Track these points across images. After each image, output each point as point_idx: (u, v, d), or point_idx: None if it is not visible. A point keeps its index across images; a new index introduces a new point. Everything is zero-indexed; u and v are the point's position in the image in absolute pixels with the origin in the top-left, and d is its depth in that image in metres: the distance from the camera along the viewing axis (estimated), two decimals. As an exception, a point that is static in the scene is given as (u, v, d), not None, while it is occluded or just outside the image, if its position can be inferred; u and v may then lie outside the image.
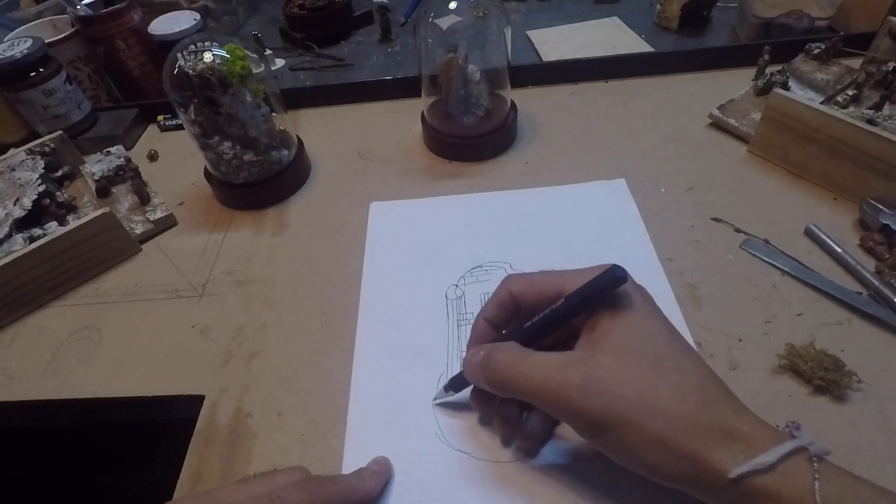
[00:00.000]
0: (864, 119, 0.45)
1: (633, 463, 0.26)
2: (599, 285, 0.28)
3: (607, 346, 0.27)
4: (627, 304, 0.28)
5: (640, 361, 0.26)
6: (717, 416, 0.25)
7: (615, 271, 0.27)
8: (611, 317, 0.28)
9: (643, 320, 0.28)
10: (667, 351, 0.27)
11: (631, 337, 0.27)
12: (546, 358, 0.28)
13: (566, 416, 0.27)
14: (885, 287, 0.38)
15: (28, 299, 0.46)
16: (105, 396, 0.40)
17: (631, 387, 0.26)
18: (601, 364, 0.26)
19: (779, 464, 0.24)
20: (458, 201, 0.51)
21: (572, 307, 0.29)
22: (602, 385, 0.26)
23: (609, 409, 0.25)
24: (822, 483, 0.23)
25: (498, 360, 0.29)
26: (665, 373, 0.26)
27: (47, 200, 0.51)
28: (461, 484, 0.32)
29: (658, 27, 0.77)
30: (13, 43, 0.60)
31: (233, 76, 0.46)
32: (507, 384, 0.28)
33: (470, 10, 0.51)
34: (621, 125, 0.57)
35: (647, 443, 0.25)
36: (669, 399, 0.25)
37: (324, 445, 0.35)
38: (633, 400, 0.25)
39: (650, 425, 0.25)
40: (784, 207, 0.46)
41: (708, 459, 0.24)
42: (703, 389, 0.26)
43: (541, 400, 0.27)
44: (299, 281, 0.46)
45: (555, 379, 0.27)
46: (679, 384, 0.26)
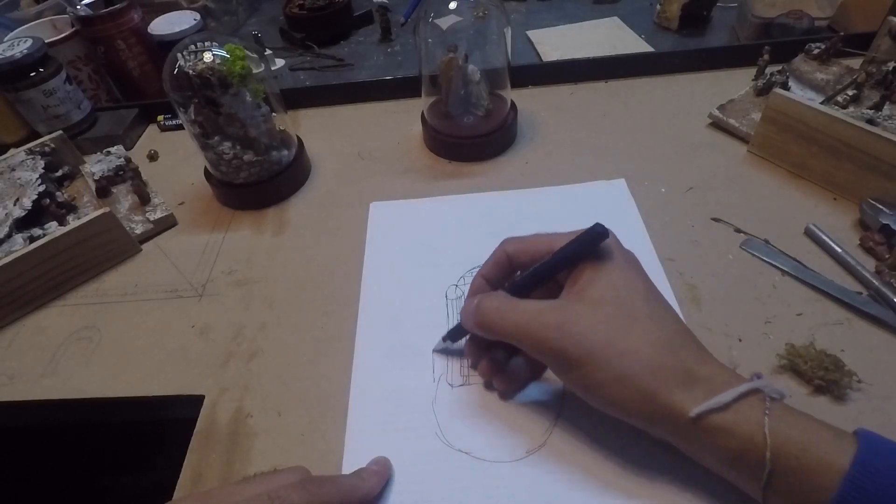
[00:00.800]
0: (864, 119, 0.45)
1: (600, 400, 0.29)
2: (581, 241, 0.30)
3: (585, 296, 0.29)
4: (608, 260, 0.30)
5: (615, 310, 0.29)
6: (682, 361, 0.27)
7: (596, 228, 0.30)
8: (592, 271, 0.30)
9: (621, 274, 0.30)
10: (641, 303, 0.29)
11: (608, 289, 0.29)
12: (529, 304, 0.31)
13: (543, 353, 0.30)
14: (885, 287, 0.38)
15: (28, 299, 0.46)
16: (105, 396, 0.40)
17: (602, 330, 0.28)
18: (578, 310, 0.29)
19: (734, 403, 0.26)
20: (458, 201, 0.51)
21: (557, 261, 0.31)
22: (576, 327, 0.28)
23: (580, 348, 0.28)
24: (771, 418, 0.25)
25: (487, 305, 0.32)
26: (636, 321, 0.28)
27: (47, 200, 0.51)
28: (461, 484, 0.32)
29: (658, 27, 0.77)
30: (13, 43, 0.60)
31: (233, 76, 0.46)
32: (493, 326, 0.31)
33: (470, 10, 0.51)
34: (621, 125, 0.57)
35: (613, 380, 0.27)
36: (637, 343, 0.28)
37: (324, 445, 0.35)
38: (603, 341, 0.28)
39: (617, 364, 0.27)
40: (784, 207, 0.46)
41: (669, 398, 0.26)
42: (672, 338, 0.28)
43: (522, 339, 0.30)
44: (299, 281, 0.46)
45: (535, 321, 0.30)
46: (648, 331, 0.28)
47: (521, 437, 0.34)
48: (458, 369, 0.38)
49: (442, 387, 0.37)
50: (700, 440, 0.27)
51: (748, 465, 0.26)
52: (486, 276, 0.35)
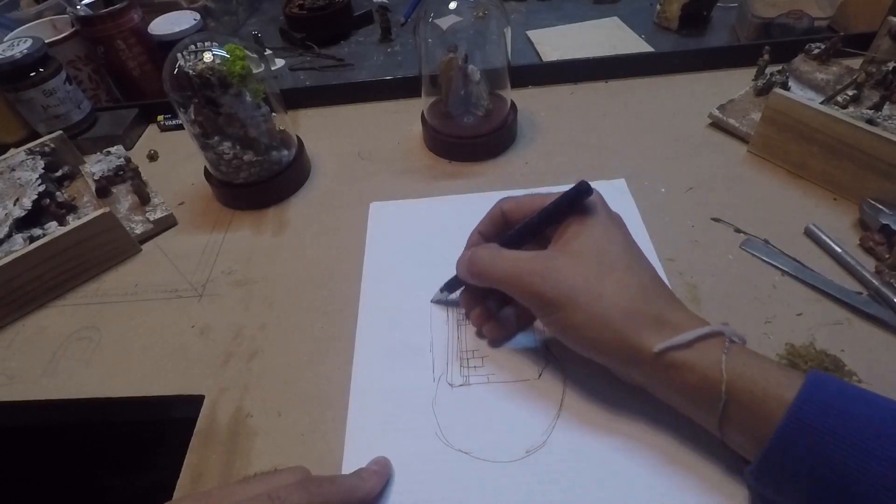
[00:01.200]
0: (864, 119, 0.45)
1: (577, 340, 0.31)
2: (566, 197, 0.33)
3: (568, 247, 0.32)
4: (592, 215, 0.33)
5: (594, 260, 0.31)
6: (653, 307, 0.30)
7: (581, 185, 0.32)
8: (577, 226, 0.33)
9: (602, 229, 0.32)
10: (620, 255, 0.32)
11: (589, 241, 0.32)
12: (516, 253, 0.34)
13: (526, 297, 0.33)
14: (885, 287, 0.38)
15: (28, 299, 0.46)
16: (105, 396, 0.40)
17: (581, 277, 0.31)
18: (560, 259, 0.32)
19: (696, 342, 0.28)
20: (459, 201, 0.51)
21: (544, 216, 0.34)
22: (557, 274, 0.31)
23: (560, 293, 0.31)
24: (728, 357, 0.28)
25: (479, 255, 0.35)
26: (614, 269, 0.31)
27: (47, 200, 0.51)
28: (461, 484, 0.32)
29: (658, 27, 0.77)
30: (13, 43, 0.60)
31: (233, 76, 0.46)
32: (483, 273, 0.34)
33: (470, 10, 0.51)
34: (621, 125, 0.57)
35: (588, 321, 0.30)
36: (612, 289, 0.30)
37: (324, 445, 0.35)
38: (581, 287, 0.30)
39: (592, 307, 0.30)
40: (784, 207, 0.46)
41: (638, 338, 0.29)
42: (646, 287, 0.31)
43: (508, 285, 0.33)
44: (299, 281, 0.46)
45: (520, 268, 0.33)
46: (623, 279, 0.31)
47: (521, 437, 0.34)
48: (458, 369, 0.38)
49: (442, 387, 0.37)
50: (663, 375, 0.29)
51: (706, 398, 0.28)
52: (481, 232, 0.38)
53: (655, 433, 0.33)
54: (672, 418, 0.33)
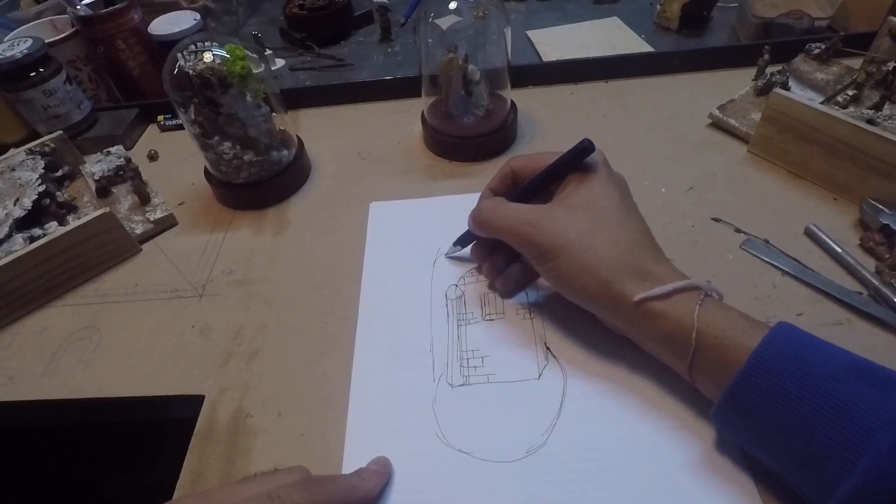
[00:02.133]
0: (864, 119, 0.45)
1: (566, 287, 0.34)
2: (570, 155, 0.36)
3: (566, 202, 0.35)
4: (592, 173, 0.36)
5: (588, 214, 0.34)
6: (639, 261, 0.32)
7: (584, 143, 0.35)
8: (577, 182, 0.36)
9: (600, 186, 0.35)
10: (614, 212, 0.34)
11: (586, 197, 0.35)
12: (517, 206, 0.37)
13: (522, 246, 0.36)
14: (885, 287, 0.38)
15: (28, 299, 0.46)
16: (105, 396, 0.40)
17: (574, 229, 0.33)
18: (556, 212, 0.35)
19: (673, 294, 0.31)
20: (458, 201, 0.51)
21: (548, 172, 0.37)
22: (552, 225, 0.34)
23: (553, 243, 0.33)
24: (702, 308, 0.30)
25: (484, 206, 0.38)
26: (606, 224, 0.33)
27: (47, 200, 0.51)
28: (461, 484, 0.32)
29: (658, 27, 0.77)
30: (13, 43, 0.60)
31: (233, 76, 0.46)
32: (486, 222, 0.38)
33: (470, 10, 0.51)
34: (621, 125, 0.57)
35: (578, 270, 0.33)
36: (602, 241, 0.33)
37: (324, 445, 0.35)
38: (574, 239, 0.33)
39: (582, 257, 0.33)
40: (784, 207, 0.46)
41: (621, 287, 0.31)
42: (635, 242, 0.33)
43: (507, 234, 0.36)
44: (299, 281, 0.46)
45: (518, 219, 0.35)
46: (614, 234, 0.33)
47: (522, 438, 0.34)
48: (458, 369, 0.38)
49: (442, 387, 0.37)
50: (641, 323, 0.32)
51: (678, 346, 0.30)
52: (492, 188, 0.41)
53: (656, 434, 0.33)
54: (672, 420, 0.33)
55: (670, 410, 0.34)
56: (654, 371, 0.35)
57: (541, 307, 0.41)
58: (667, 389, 0.35)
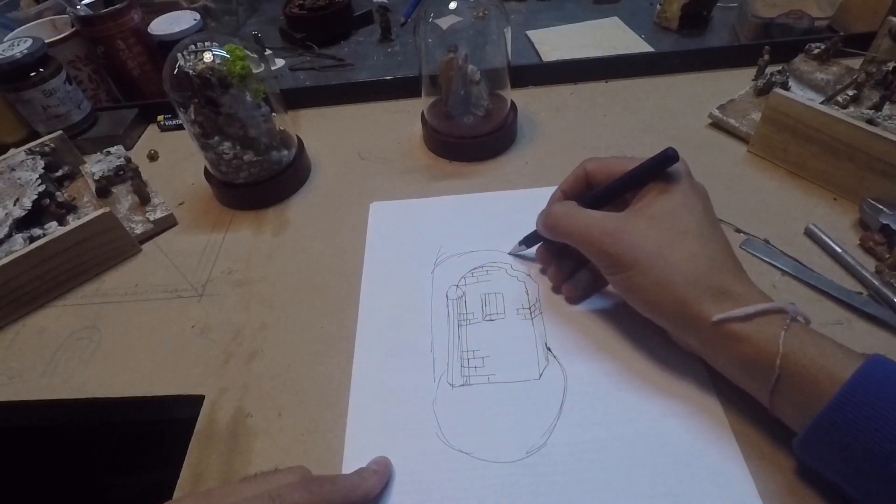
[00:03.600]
0: (864, 119, 0.45)
1: (638, 300, 0.33)
2: (653, 162, 0.34)
3: (644, 211, 0.33)
4: (674, 182, 0.33)
5: (668, 227, 0.32)
6: (719, 279, 0.30)
7: (668, 151, 0.33)
8: (657, 191, 0.33)
9: (681, 197, 0.33)
10: (694, 224, 0.32)
11: (666, 207, 0.33)
12: (591, 212, 0.35)
13: (596, 255, 0.34)
14: (885, 287, 0.38)
15: (28, 299, 0.46)
16: (105, 396, 0.40)
17: (652, 241, 0.32)
18: (634, 222, 0.33)
19: (756, 316, 0.29)
20: (458, 201, 0.51)
21: (628, 179, 0.35)
22: (628, 236, 0.32)
23: (629, 254, 0.32)
24: (788, 333, 0.28)
25: (556, 209, 0.37)
26: (685, 237, 0.31)
27: (47, 200, 0.51)
28: (461, 484, 0.32)
29: (658, 27, 0.77)
30: (13, 43, 0.60)
31: (233, 76, 0.46)
32: (558, 227, 0.36)
33: (470, 10, 0.51)
34: (621, 125, 0.57)
35: (653, 284, 0.31)
36: (681, 257, 0.31)
37: (324, 445, 0.35)
38: (651, 251, 0.31)
39: (658, 271, 0.31)
40: (784, 207, 0.46)
41: (698, 306, 0.30)
42: (715, 258, 0.31)
43: (580, 241, 0.35)
44: (299, 281, 0.46)
45: (594, 226, 0.34)
46: (694, 249, 0.31)
47: (522, 438, 0.34)
48: (458, 369, 0.38)
49: (442, 387, 0.37)
50: (719, 345, 0.30)
51: (759, 370, 0.28)
52: (564, 190, 0.39)
53: (656, 434, 0.33)
54: (672, 420, 0.33)
55: (671, 410, 0.34)
56: (655, 372, 0.35)
57: (541, 307, 0.41)
58: (667, 390, 0.35)
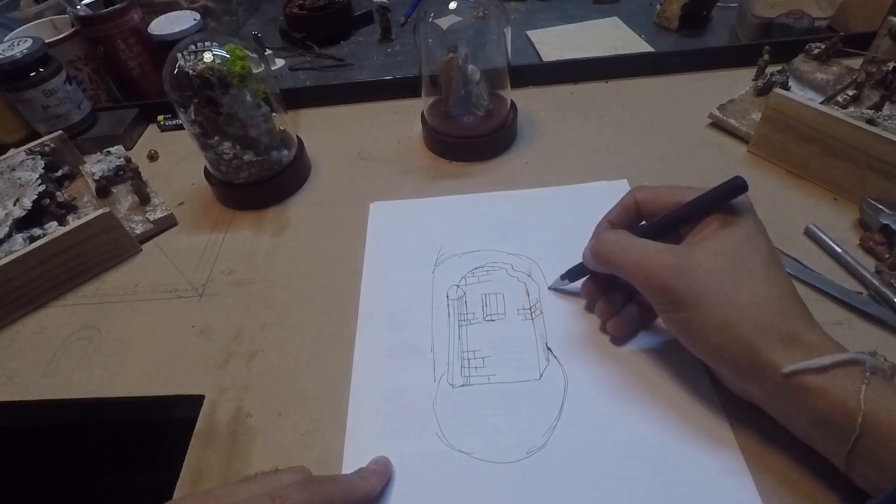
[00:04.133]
0: (864, 119, 0.45)
1: (698, 343, 0.30)
2: (720, 191, 0.31)
3: (706, 246, 0.30)
4: (737, 216, 0.31)
5: (732, 263, 0.29)
6: (789, 323, 0.28)
7: (737, 181, 0.30)
8: (719, 224, 0.31)
9: (747, 234, 0.30)
10: (761, 263, 0.29)
11: (731, 242, 0.30)
12: (648, 242, 0.32)
13: (653, 290, 0.31)
14: (885, 287, 0.38)
15: (28, 299, 0.46)
16: (105, 396, 0.40)
17: (717, 279, 0.29)
18: (695, 256, 0.30)
19: (832, 368, 0.26)
20: (458, 201, 0.51)
21: (692, 208, 0.32)
22: (690, 271, 0.29)
23: (691, 291, 0.29)
24: (869, 388, 0.25)
25: (608, 237, 0.34)
26: (752, 277, 0.29)
27: (47, 200, 0.51)
28: (461, 484, 0.32)
29: (658, 27, 0.77)
30: (13, 43, 0.60)
31: (233, 76, 0.46)
32: (610, 256, 0.33)
33: (470, 10, 0.51)
34: (621, 125, 0.57)
35: (716, 327, 0.28)
36: (748, 298, 0.28)
37: (324, 445, 0.35)
38: (716, 290, 0.28)
39: (723, 312, 0.28)
40: (784, 207, 0.46)
41: (768, 354, 0.27)
42: (783, 301, 0.29)
43: (635, 273, 0.31)
44: (299, 281, 0.46)
45: (651, 258, 0.31)
46: (761, 288, 0.29)
47: (522, 438, 0.34)
48: (458, 369, 0.38)
49: (442, 387, 0.37)
50: (789, 397, 0.27)
51: (836, 428, 0.26)
52: (611, 221, 0.37)
53: (657, 435, 0.33)
54: (673, 421, 0.33)
55: (671, 411, 0.34)
56: (655, 372, 0.35)
57: (542, 308, 0.41)
58: (668, 391, 0.35)
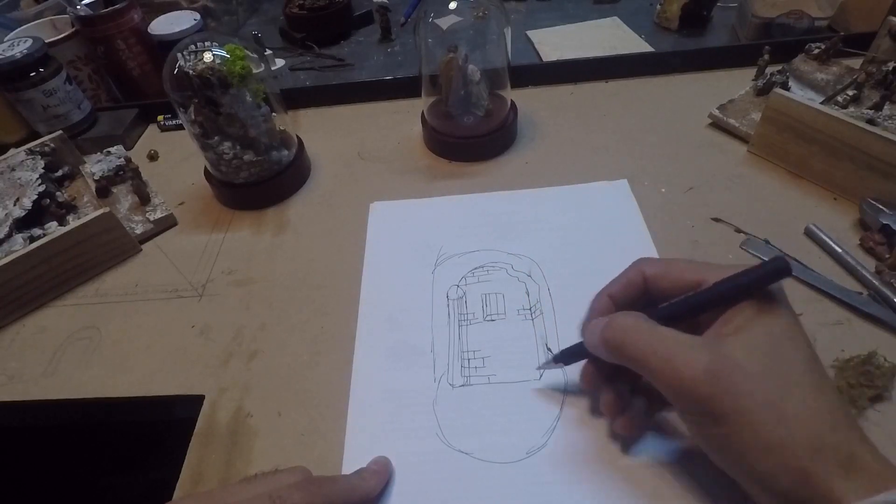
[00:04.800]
0: (864, 119, 0.45)
1: (738, 466, 0.25)
2: (759, 274, 0.26)
3: (742, 341, 0.25)
4: (774, 305, 0.26)
5: (776, 366, 0.24)
6: (845, 440, 0.23)
7: (778, 263, 0.25)
8: (753, 313, 0.26)
9: (786, 327, 0.25)
10: (805, 366, 0.25)
11: (770, 340, 0.25)
12: (674, 333, 0.26)
13: (682, 397, 0.25)
14: (885, 287, 0.38)
15: (28, 299, 0.46)
16: (105, 396, 0.40)
17: (762, 386, 0.24)
18: (732, 356, 0.25)
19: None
20: (458, 201, 0.51)
21: (720, 294, 0.27)
22: (731, 376, 0.24)
23: (732, 402, 0.24)
24: None
25: (622, 322, 0.28)
26: (800, 385, 0.24)
27: (47, 200, 0.51)
28: (461, 484, 0.32)
29: (658, 27, 0.77)
30: (13, 43, 0.60)
31: (233, 76, 0.46)
32: (626, 347, 0.27)
33: (470, 10, 0.51)
34: (621, 125, 0.57)
35: (763, 448, 0.23)
36: (799, 410, 0.23)
37: (324, 445, 0.35)
38: (760, 400, 0.24)
39: (772, 430, 0.23)
40: (784, 207, 0.46)
41: (828, 484, 0.22)
42: (835, 411, 0.24)
43: (659, 374, 0.26)
44: (299, 281, 0.46)
45: (680, 355, 0.25)
46: (813, 399, 0.24)
47: (522, 438, 0.34)
48: (458, 370, 0.38)
49: (442, 387, 0.37)
50: None
51: None
52: (613, 296, 0.31)
53: (657, 435, 0.33)
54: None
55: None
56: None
57: (542, 308, 0.41)
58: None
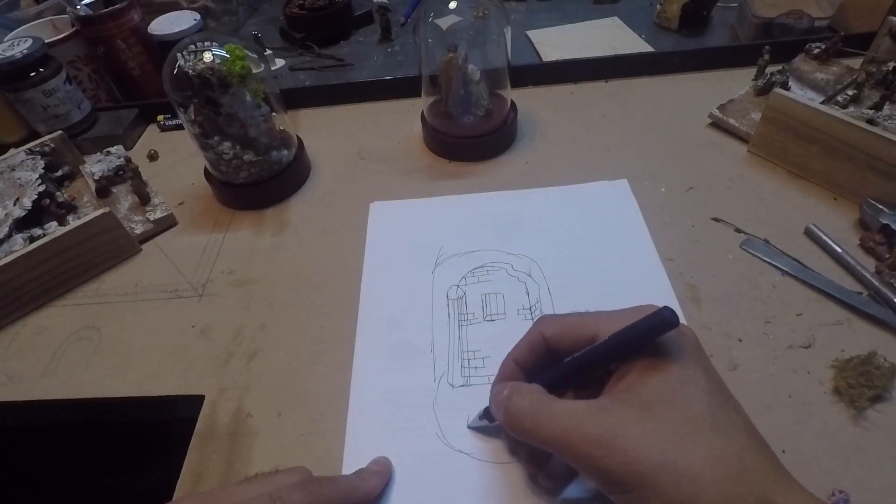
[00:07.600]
0: (864, 119, 0.45)
1: None
2: (643, 329, 0.25)
3: (635, 397, 0.25)
4: (667, 352, 0.25)
5: (672, 419, 0.24)
6: (756, 486, 0.22)
7: (664, 313, 0.24)
8: (646, 366, 0.25)
9: (681, 372, 0.25)
10: (705, 410, 0.24)
11: (664, 390, 0.24)
12: (567, 407, 0.26)
13: (585, 470, 0.25)
14: (885, 287, 0.38)
15: (28, 299, 0.46)
16: (105, 396, 0.40)
17: (657, 446, 0.23)
18: (625, 418, 0.24)
19: None
20: (458, 201, 0.51)
21: (608, 350, 0.26)
22: (624, 442, 0.23)
23: (630, 469, 0.23)
24: None
25: (519, 405, 0.27)
26: (700, 434, 0.23)
27: (47, 200, 0.51)
28: (461, 484, 0.32)
29: (658, 27, 0.77)
30: (13, 43, 0.60)
31: (233, 76, 0.46)
32: (525, 433, 0.27)
33: (470, 10, 0.51)
34: (621, 125, 0.57)
35: None
36: (702, 464, 0.23)
37: (324, 445, 0.35)
38: (658, 462, 0.23)
39: (676, 491, 0.22)
40: (784, 207, 0.46)
41: None
42: (744, 457, 0.23)
43: (562, 453, 0.25)
44: (299, 281, 0.46)
45: (574, 433, 0.25)
46: (714, 448, 0.23)
47: (522, 437, 0.34)
48: (458, 370, 0.38)
49: (442, 387, 0.37)
50: None
51: None
52: (518, 361, 0.31)
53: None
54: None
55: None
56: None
57: (542, 308, 0.41)
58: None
